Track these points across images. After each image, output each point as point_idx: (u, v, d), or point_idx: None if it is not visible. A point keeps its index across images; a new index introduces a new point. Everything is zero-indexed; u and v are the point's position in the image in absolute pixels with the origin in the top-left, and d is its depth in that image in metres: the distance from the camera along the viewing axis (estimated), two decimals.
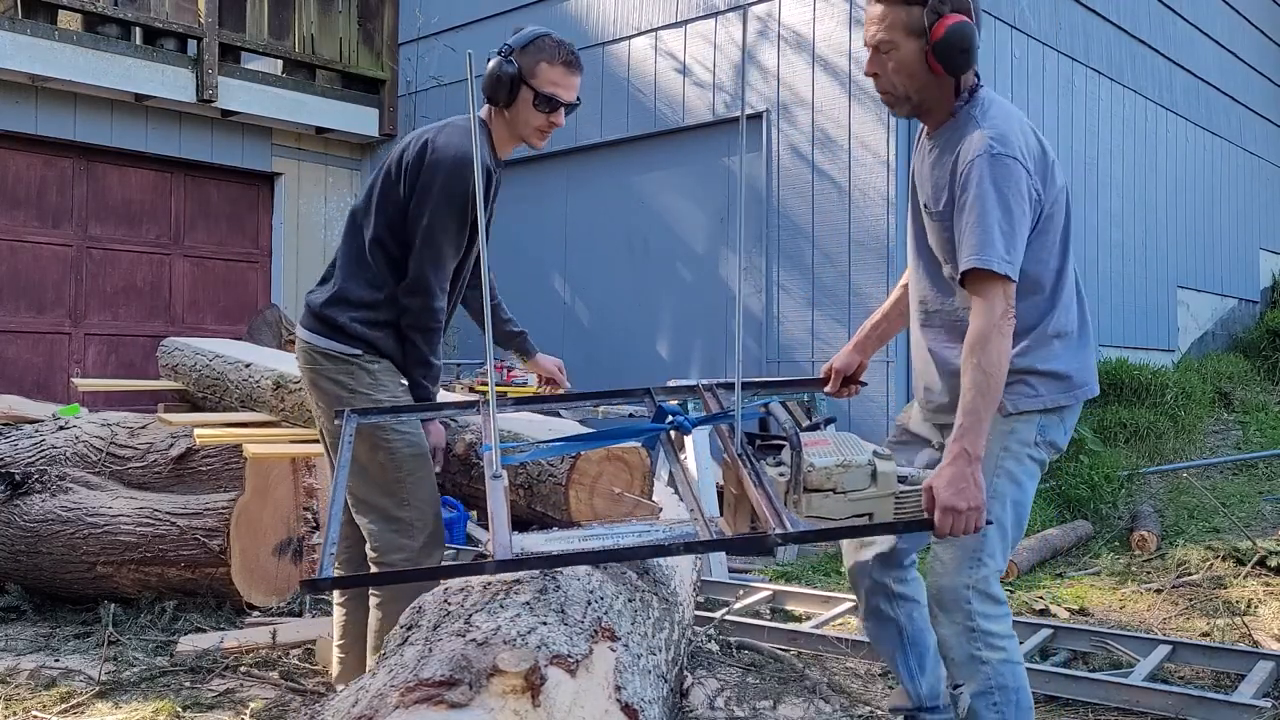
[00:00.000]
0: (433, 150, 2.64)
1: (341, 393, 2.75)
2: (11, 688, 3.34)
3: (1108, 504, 6.25)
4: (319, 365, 2.78)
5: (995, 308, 2.20)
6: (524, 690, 1.73)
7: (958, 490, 2.14)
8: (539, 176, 8.39)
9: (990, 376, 2.19)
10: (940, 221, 2.39)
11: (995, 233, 2.22)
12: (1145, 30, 9.03)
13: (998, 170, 2.24)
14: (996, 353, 2.20)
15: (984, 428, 2.19)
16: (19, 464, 4.44)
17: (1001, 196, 2.23)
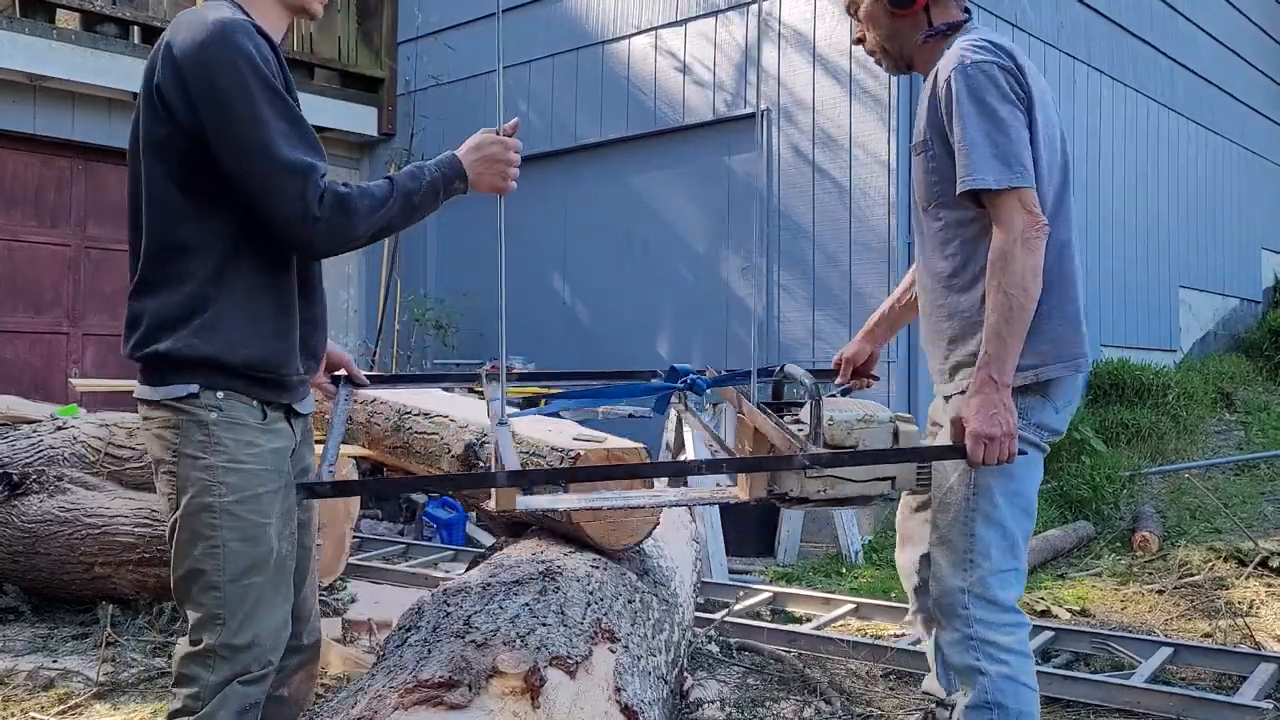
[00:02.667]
0: (180, 48, 1.83)
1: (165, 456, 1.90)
2: (9, 689, 3.33)
3: (1109, 505, 6.24)
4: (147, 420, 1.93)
5: (1013, 223, 2.09)
6: (523, 692, 1.72)
7: (988, 417, 2.07)
8: (539, 176, 8.38)
9: (1013, 297, 2.09)
10: (918, 155, 2.32)
11: (985, 149, 2.11)
12: (1147, 29, 9.02)
13: (973, 80, 2.15)
14: (1019, 270, 2.08)
15: (1010, 353, 2.10)
16: (17, 464, 4.43)
17: (983, 106, 2.13)
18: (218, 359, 1.89)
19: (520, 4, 8.40)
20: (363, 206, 1.91)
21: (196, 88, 1.82)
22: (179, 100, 1.84)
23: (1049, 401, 2.27)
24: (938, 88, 2.21)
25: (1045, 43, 7.62)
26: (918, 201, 2.40)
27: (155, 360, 1.88)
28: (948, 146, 2.20)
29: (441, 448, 3.07)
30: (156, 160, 1.89)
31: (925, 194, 2.34)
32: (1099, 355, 8.28)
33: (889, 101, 6.30)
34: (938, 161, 2.25)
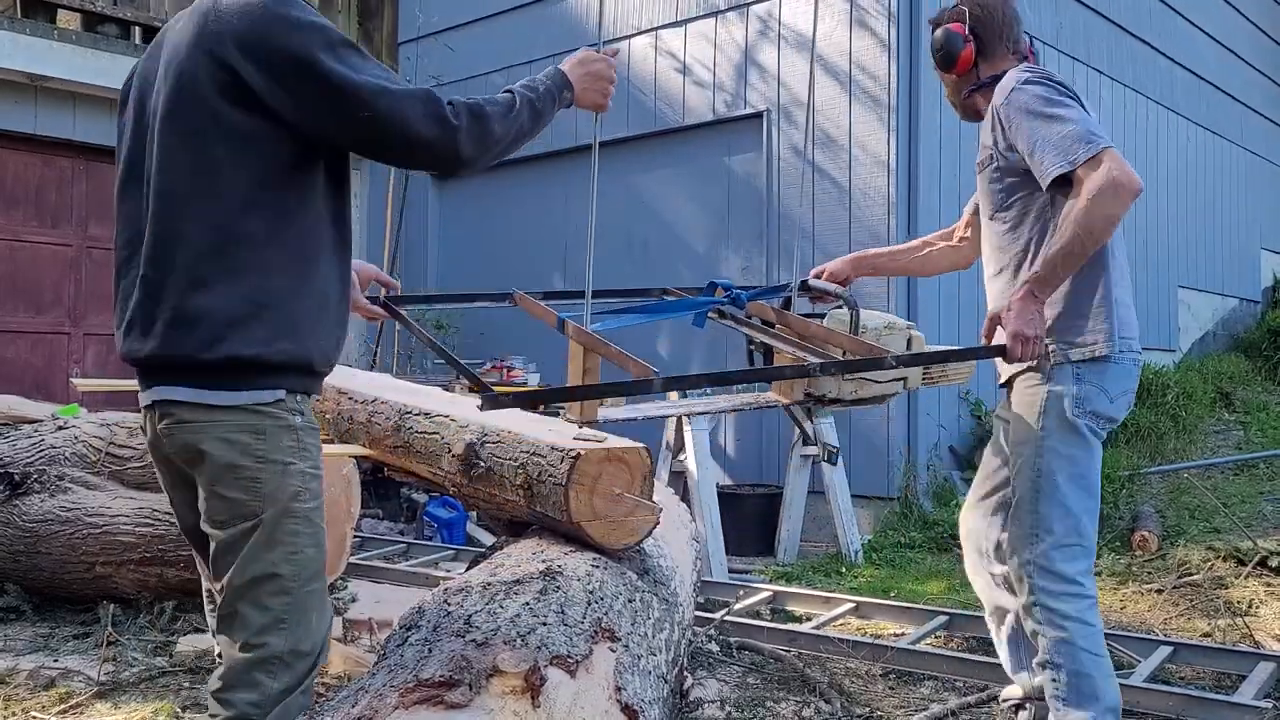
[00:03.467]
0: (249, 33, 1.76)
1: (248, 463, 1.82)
2: (10, 688, 3.33)
3: (1109, 504, 6.24)
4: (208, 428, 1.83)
5: (1095, 181, 2.34)
6: (524, 691, 1.72)
7: (1026, 320, 2.41)
8: (539, 176, 8.39)
9: (1079, 236, 2.37)
10: (981, 172, 2.73)
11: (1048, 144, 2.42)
12: (1146, 30, 9.03)
13: (1019, 99, 2.51)
14: (1096, 213, 2.35)
15: (1055, 280, 2.44)
16: (18, 464, 4.43)
17: (1034, 115, 2.46)
18: (306, 362, 1.85)
19: (520, 4, 8.41)
20: (493, 110, 1.91)
21: (282, 67, 1.74)
22: (263, 82, 1.75)
23: (1103, 392, 2.53)
24: (996, 115, 2.60)
25: (1045, 43, 7.62)
26: (983, 211, 2.77)
27: (236, 364, 1.79)
28: (1008, 159, 2.59)
29: (442, 447, 3.07)
30: (218, 147, 1.78)
31: (990, 202, 2.71)
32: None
33: (889, 102, 6.30)
34: (1000, 173, 2.64)
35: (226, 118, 1.78)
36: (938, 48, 2.78)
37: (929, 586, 5.01)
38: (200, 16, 1.82)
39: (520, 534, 2.87)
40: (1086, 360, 2.52)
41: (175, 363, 1.81)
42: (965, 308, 6.63)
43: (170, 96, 1.82)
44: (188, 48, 1.81)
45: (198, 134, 1.79)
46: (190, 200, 1.80)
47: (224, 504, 1.82)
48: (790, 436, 5.94)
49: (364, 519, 6.43)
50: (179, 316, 1.80)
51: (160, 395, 1.85)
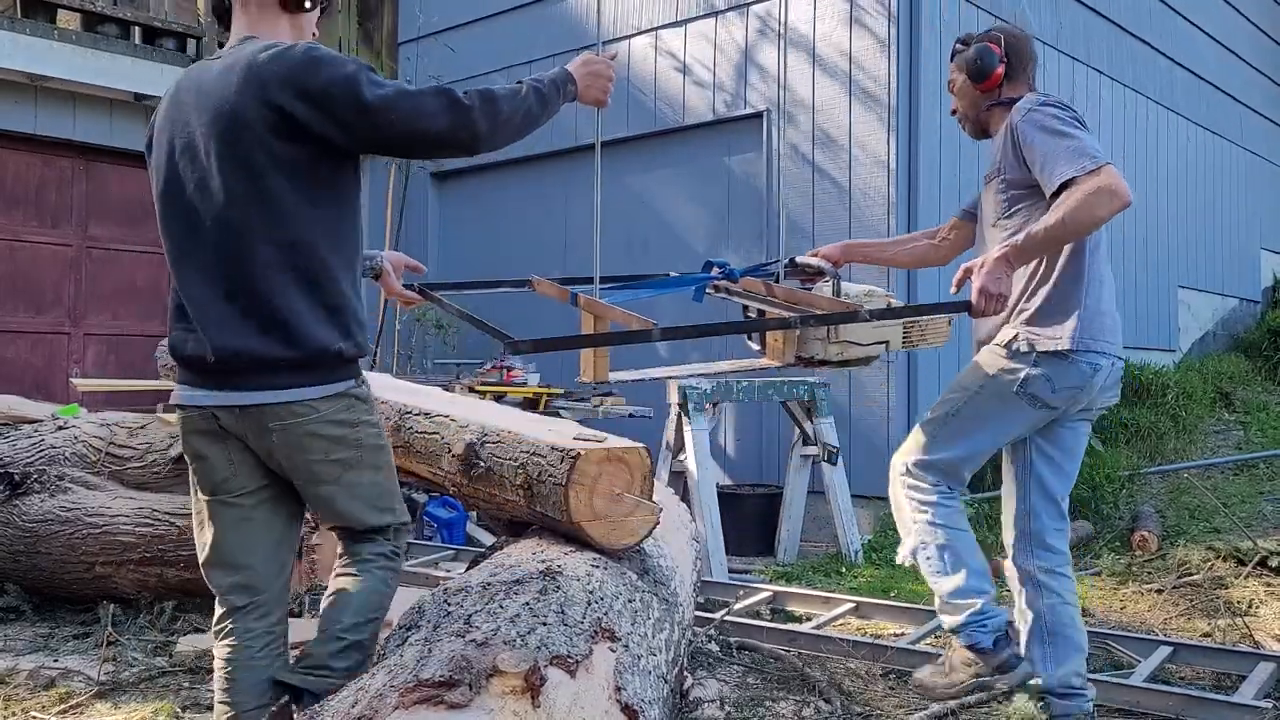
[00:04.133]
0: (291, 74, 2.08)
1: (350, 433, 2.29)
2: (10, 688, 3.33)
3: (1109, 504, 6.24)
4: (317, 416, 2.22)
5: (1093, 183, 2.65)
6: (524, 691, 1.72)
7: (994, 279, 2.67)
8: (539, 176, 8.39)
9: (1066, 224, 2.66)
10: (986, 185, 3.02)
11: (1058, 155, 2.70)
12: (1146, 30, 9.03)
13: (1036, 117, 2.78)
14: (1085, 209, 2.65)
15: (1032, 252, 2.72)
16: (18, 464, 4.43)
17: (1046, 131, 2.74)
18: (365, 351, 2.30)
19: (520, 4, 8.41)
20: (501, 92, 2.20)
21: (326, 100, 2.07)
22: (311, 115, 2.08)
23: (1049, 381, 2.81)
24: (1012, 131, 2.84)
25: (1045, 43, 7.62)
26: (986, 219, 3.04)
27: (326, 360, 2.20)
28: (1018, 172, 2.84)
29: (442, 447, 3.07)
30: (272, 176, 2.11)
31: (994, 210, 2.96)
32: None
33: (889, 101, 6.30)
34: (1007, 184, 2.90)
35: (277, 151, 2.10)
36: (975, 59, 3.00)
37: (928, 585, 5.01)
38: (243, 69, 2.11)
39: (520, 534, 2.87)
40: (1048, 352, 2.81)
41: (273, 363, 2.16)
42: None
43: (222, 137, 2.12)
44: (235, 95, 2.11)
45: (253, 167, 2.11)
46: (254, 223, 2.13)
47: (335, 466, 2.26)
48: (790, 436, 5.94)
49: None
50: (269, 322, 2.14)
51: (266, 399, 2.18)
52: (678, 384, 5.35)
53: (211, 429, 2.23)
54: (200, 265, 2.18)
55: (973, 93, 3.08)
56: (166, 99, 2.29)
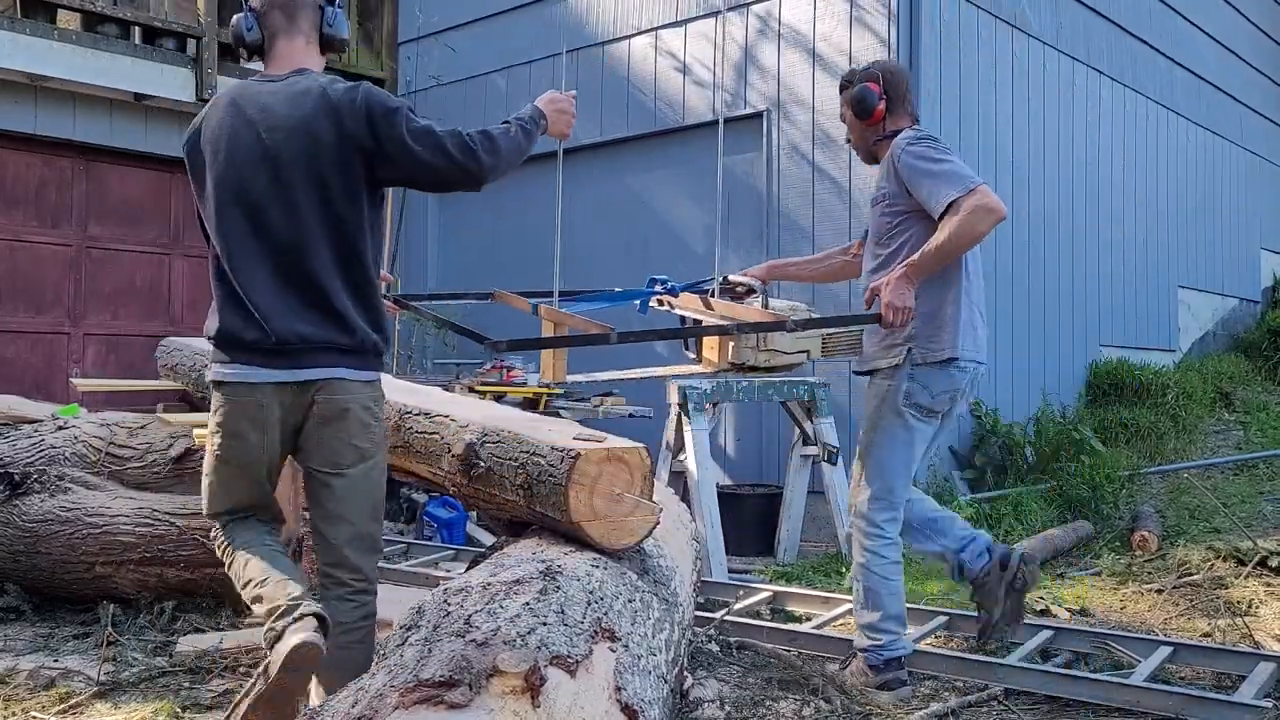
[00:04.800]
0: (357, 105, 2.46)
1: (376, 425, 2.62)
2: (10, 688, 3.33)
3: (1109, 504, 6.25)
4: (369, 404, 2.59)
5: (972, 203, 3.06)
6: (524, 691, 1.72)
7: (899, 294, 3.11)
8: (539, 176, 8.38)
9: (952, 241, 3.09)
10: (874, 207, 3.45)
11: (939, 181, 3.13)
12: (1146, 30, 9.03)
13: (915, 148, 3.24)
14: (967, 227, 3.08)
15: (928, 267, 3.14)
16: (18, 464, 4.43)
17: (929, 158, 3.19)
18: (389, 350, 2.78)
19: (520, 4, 8.41)
20: (497, 132, 2.57)
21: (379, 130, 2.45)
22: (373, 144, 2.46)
23: (926, 389, 3.29)
24: (894, 163, 3.29)
25: (1045, 43, 7.62)
26: (872, 237, 3.46)
27: (371, 346, 2.58)
28: (902, 199, 3.28)
29: (442, 447, 3.07)
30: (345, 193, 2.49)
31: (880, 231, 3.40)
32: (1098, 355, 8.29)
33: None
34: (891, 209, 3.34)
35: (348, 173, 2.48)
36: (857, 100, 3.40)
37: (929, 586, 5.01)
38: (318, 97, 2.47)
39: (520, 534, 2.87)
40: (926, 363, 3.26)
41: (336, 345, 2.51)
42: None
43: (302, 157, 2.46)
44: (313, 120, 2.46)
45: (327, 186, 2.48)
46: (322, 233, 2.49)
47: (348, 449, 2.55)
48: (790, 437, 5.94)
49: None
50: (328, 313, 2.50)
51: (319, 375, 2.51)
52: (678, 384, 5.35)
53: (255, 414, 2.52)
54: (265, 263, 2.48)
55: (860, 127, 3.48)
56: (221, 110, 2.56)
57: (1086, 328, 8.16)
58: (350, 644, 2.51)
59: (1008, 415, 6.83)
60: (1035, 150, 7.52)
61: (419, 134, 2.46)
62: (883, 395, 3.33)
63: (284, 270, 2.48)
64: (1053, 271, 7.69)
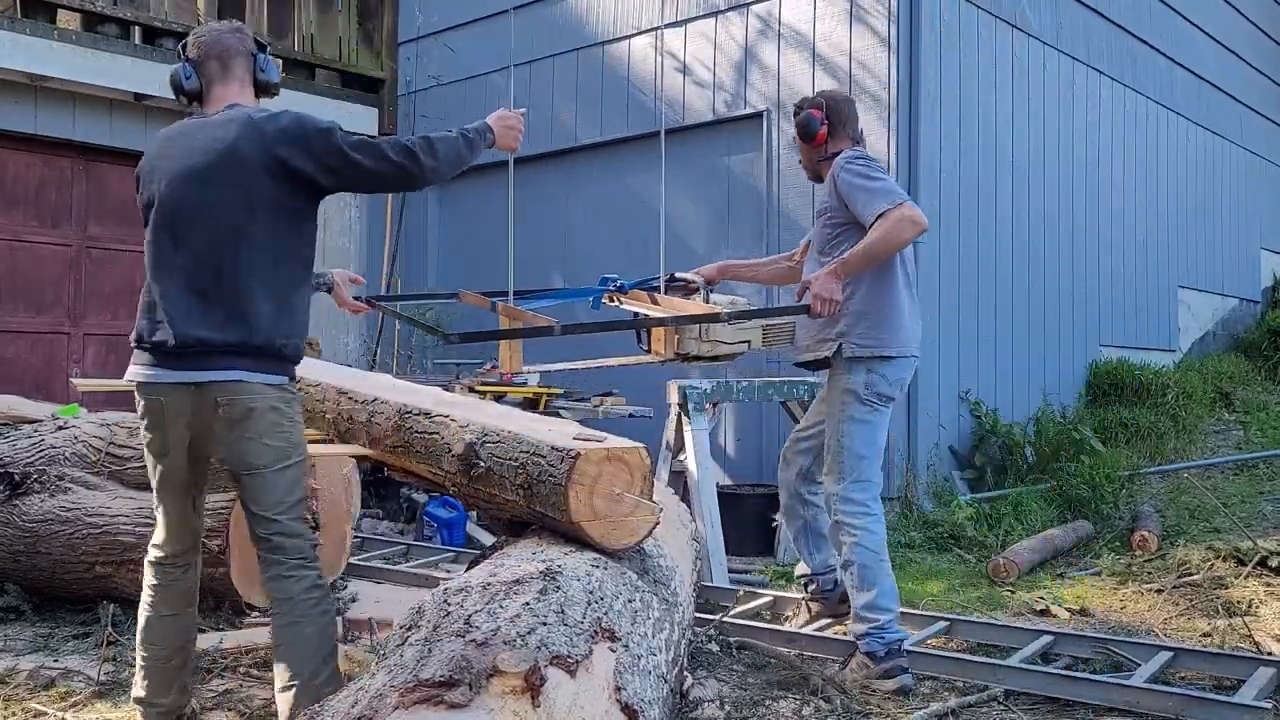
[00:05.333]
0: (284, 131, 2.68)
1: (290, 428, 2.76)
2: (10, 688, 3.33)
3: (1109, 504, 6.25)
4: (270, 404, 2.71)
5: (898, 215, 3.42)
6: (524, 691, 1.73)
7: (828, 288, 3.44)
8: (539, 176, 8.39)
9: (880, 243, 3.45)
10: (818, 219, 3.84)
11: (872, 196, 3.50)
12: (1146, 30, 9.02)
13: (850, 168, 3.61)
14: (892, 235, 3.44)
15: (856, 266, 3.48)
16: (18, 464, 4.43)
17: (863, 175, 3.58)
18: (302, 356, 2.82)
19: (521, 4, 8.40)
20: (436, 137, 2.81)
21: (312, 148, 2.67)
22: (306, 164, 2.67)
23: (884, 378, 3.63)
24: (834, 180, 3.65)
25: (1045, 43, 7.62)
26: (814, 246, 3.84)
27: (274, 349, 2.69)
28: (841, 213, 3.65)
29: (442, 447, 3.07)
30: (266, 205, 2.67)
31: (823, 241, 3.77)
32: (1098, 355, 8.29)
33: (889, 101, 6.30)
34: (833, 221, 3.71)
35: (268, 188, 2.66)
36: (802, 125, 3.80)
37: (929, 586, 5.01)
38: (242, 123, 2.69)
39: (520, 534, 2.87)
40: (877, 357, 3.60)
41: (235, 348, 2.64)
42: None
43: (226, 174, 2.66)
44: (236, 142, 2.66)
45: (248, 199, 2.66)
46: (242, 241, 2.66)
47: (264, 448, 2.68)
48: None
49: (364, 519, 6.43)
50: (233, 317, 2.64)
51: (216, 377, 2.65)
52: (678, 384, 5.35)
53: (159, 414, 2.74)
54: (182, 274, 2.68)
55: (806, 149, 3.87)
56: (158, 144, 2.83)
57: (1086, 328, 8.16)
58: (299, 617, 2.71)
59: (1008, 415, 6.83)
60: (1035, 150, 7.52)
61: (357, 145, 2.69)
62: (842, 388, 3.66)
63: (198, 280, 2.67)
64: (1053, 271, 7.69)
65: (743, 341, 3.72)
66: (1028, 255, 7.40)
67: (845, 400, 3.64)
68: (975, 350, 6.86)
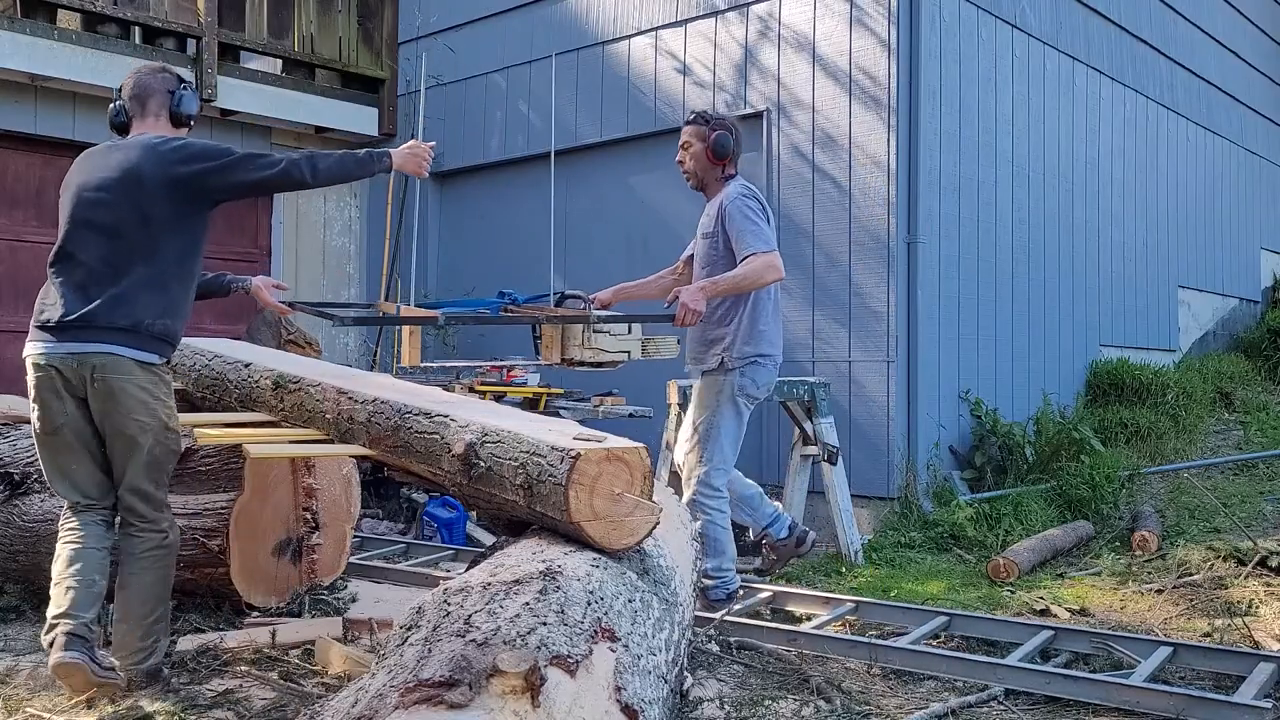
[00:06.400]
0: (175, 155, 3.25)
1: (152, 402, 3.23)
2: (11, 688, 3.33)
3: (1109, 504, 6.25)
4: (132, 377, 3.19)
5: (763, 261, 4.19)
6: (524, 691, 1.73)
7: (694, 300, 4.13)
8: (539, 176, 8.39)
9: (748, 279, 4.21)
10: (706, 240, 4.47)
11: (752, 236, 4.22)
12: (1146, 30, 9.02)
13: (741, 203, 4.29)
14: (756, 275, 4.19)
15: (721, 291, 4.22)
16: (18, 464, 4.43)
17: (749, 214, 4.27)
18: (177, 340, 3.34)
19: (520, 4, 8.40)
20: (317, 153, 3.40)
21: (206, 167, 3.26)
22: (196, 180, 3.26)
23: (753, 382, 4.35)
24: (724, 206, 4.33)
25: (1044, 43, 7.62)
26: (698, 263, 4.50)
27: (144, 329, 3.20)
28: (723, 238, 4.32)
29: (442, 447, 3.08)
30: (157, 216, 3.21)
31: (705, 259, 4.44)
32: (1098, 355, 8.30)
33: (889, 102, 6.30)
34: (716, 244, 4.39)
35: (160, 201, 3.22)
36: (720, 144, 4.37)
37: (929, 586, 5.01)
38: (142, 147, 3.28)
39: (520, 534, 2.87)
40: (747, 363, 4.31)
41: (111, 325, 3.15)
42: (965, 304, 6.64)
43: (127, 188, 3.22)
44: (138, 163, 3.24)
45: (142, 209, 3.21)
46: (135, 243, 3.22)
47: (135, 423, 3.19)
48: (790, 436, 5.94)
49: (364, 519, 6.43)
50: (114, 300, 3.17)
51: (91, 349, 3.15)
52: (677, 384, 5.35)
53: (49, 383, 3.17)
54: (80, 268, 3.20)
55: (705, 163, 4.43)
56: (78, 162, 3.37)
57: (1086, 328, 8.16)
58: (141, 570, 3.22)
59: (1008, 415, 6.83)
60: (1035, 150, 7.52)
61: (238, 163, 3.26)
62: (719, 389, 4.33)
63: (91, 272, 3.18)
64: (1053, 271, 7.69)
65: (623, 351, 4.22)
66: (1028, 255, 7.40)
67: (716, 397, 4.34)
68: (975, 350, 6.86)
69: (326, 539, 4.33)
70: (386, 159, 3.46)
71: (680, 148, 4.51)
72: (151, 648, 3.22)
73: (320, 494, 4.31)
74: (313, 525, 4.28)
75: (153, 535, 3.24)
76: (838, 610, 4.30)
